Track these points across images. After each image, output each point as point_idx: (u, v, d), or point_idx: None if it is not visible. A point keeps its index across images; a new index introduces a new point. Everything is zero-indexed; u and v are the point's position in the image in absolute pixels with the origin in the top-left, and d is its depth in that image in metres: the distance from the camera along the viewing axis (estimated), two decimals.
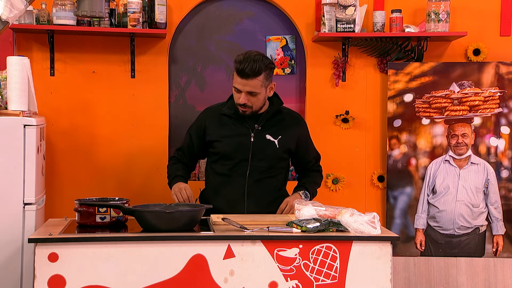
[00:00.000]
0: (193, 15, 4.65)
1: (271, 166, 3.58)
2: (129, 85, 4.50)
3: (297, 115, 3.79)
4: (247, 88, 3.43)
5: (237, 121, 3.57)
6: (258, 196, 3.55)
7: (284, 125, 3.61)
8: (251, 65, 3.37)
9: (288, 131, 3.61)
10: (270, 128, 3.58)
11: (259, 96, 3.47)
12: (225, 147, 3.57)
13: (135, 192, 4.46)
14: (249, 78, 3.40)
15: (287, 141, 3.59)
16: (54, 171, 4.42)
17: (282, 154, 3.60)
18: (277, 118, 3.62)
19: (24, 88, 3.69)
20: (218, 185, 3.62)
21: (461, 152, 4.51)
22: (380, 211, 4.59)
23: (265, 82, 3.46)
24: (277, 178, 3.62)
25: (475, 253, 4.50)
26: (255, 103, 3.49)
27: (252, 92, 3.44)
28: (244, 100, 3.45)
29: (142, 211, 2.96)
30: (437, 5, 4.36)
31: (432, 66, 4.50)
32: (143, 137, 4.52)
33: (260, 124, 3.56)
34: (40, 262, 2.78)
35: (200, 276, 2.85)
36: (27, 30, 4.27)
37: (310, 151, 3.75)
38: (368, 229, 2.92)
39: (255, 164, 3.54)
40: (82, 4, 3.24)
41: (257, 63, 3.38)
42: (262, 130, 3.57)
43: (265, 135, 3.56)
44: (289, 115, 3.69)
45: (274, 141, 3.57)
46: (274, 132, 3.58)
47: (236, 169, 3.56)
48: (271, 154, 3.56)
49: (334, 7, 4.38)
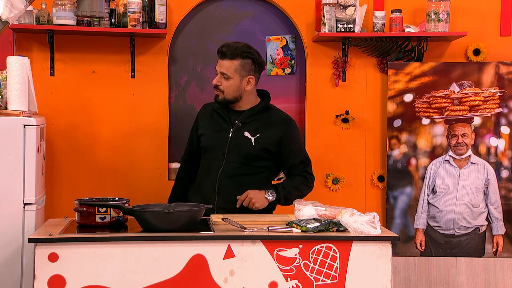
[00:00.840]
0: (193, 15, 4.65)
1: (246, 163, 3.55)
2: (129, 85, 4.50)
3: (285, 116, 3.69)
4: (220, 69, 3.53)
5: (222, 117, 3.62)
6: (229, 192, 3.52)
7: (266, 124, 3.58)
8: (229, 46, 3.50)
9: (269, 131, 3.56)
10: (251, 125, 3.57)
11: (231, 82, 3.51)
12: (206, 141, 3.64)
13: (135, 192, 4.46)
14: (224, 59, 3.51)
15: (265, 141, 3.54)
16: (54, 171, 4.42)
17: (259, 153, 3.54)
18: (262, 116, 3.60)
19: (24, 88, 3.69)
20: (199, 179, 3.68)
21: (461, 152, 4.51)
22: (380, 211, 4.59)
23: (240, 70, 3.51)
24: (255, 177, 3.56)
25: (475, 253, 4.50)
26: (226, 89, 3.53)
27: (224, 73, 3.50)
28: (216, 81, 3.54)
29: (142, 211, 2.97)
30: (437, 5, 4.36)
31: (432, 66, 4.50)
32: (143, 137, 4.52)
33: (241, 120, 3.57)
34: (40, 262, 2.78)
35: (200, 276, 2.85)
36: (27, 30, 4.27)
37: (296, 155, 3.61)
38: (368, 229, 2.92)
39: (230, 159, 3.53)
40: (82, 4, 3.24)
41: (236, 48, 3.50)
42: (242, 126, 3.56)
43: (244, 132, 3.56)
44: (276, 115, 3.65)
45: (251, 138, 3.54)
46: (253, 129, 3.56)
47: (213, 164, 3.59)
48: (245, 151, 3.53)
49: (334, 7, 4.38)
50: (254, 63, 3.54)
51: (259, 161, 3.57)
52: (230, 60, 3.50)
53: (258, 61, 3.56)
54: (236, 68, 3.50)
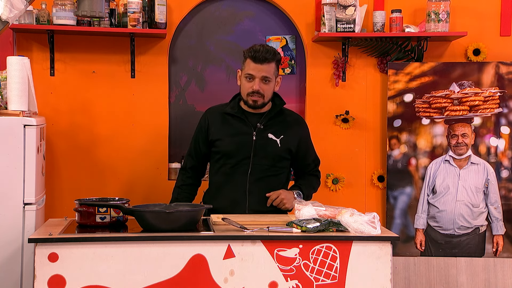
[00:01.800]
0: (193, 15, 4.65)
1: (273, 165, 3.59)
2: (129, 85, 4.50)
3: (299, 116, 3.82)
4: (262, 73, 3.50)
5: (240, 120, 3.61)
6: (260, 194, 3.55)
7: (286, 125, 3.64)
8: (267, 50, 3.50)
9: (290, 131, 3.63)
10: (272, 127, 3.60)
11: (271, 84, 3.54)
12: (227, 146, 3.59)
13: (135, 192, 4.46)
14: (264, 63, 3.49)
15: (288, 141, 3.61)
16: (54, 171, 4.42)
17: (284, 154, 3.61)
18: (280, 118, 3.65)
19: (24, 88, 3.69)
20: (220, 184, 3.62)
21: (461, 152, 4.51)
22: (380, 211, 4.59)
23: (276, 72, 3.56)
24: (278, 178, 3.62)
25: (475, 253, 4.50)
26: (266, 92, 3.53)
27: (266, 77, 3.50)
28: (258, 87, 3.50)
29: (142, 211, 2.97)
30: (437, 5, 4.36)
31: (432, 66, 4.50)
32: (143, 137, 4.52)
33: (262, 123, 3.59)
34: (40, 262, 2.78)
35: (200, 276, 2.85)
36: (27, 30, 4.27)
37: (310, 154, 3.76)
38: (368, 229, 2.92)
39: (257, 162, 3.56)
40: (82, 4, 3.24)
41: (271, 50, 3.53)
42: (264, 129, 3.59)
43: (267, 134, 3.58)
44: (291, 116, 3.74)
45: (276, 140, 3.58)
46: (276, 131, 3.60)
47: (238, 168, 3.57)
48: (273, 153, 3.58)
49: (334, 7, 4.38)
50: (279, 63, 3.63)
51: (282, 161, 3.62)
52: (269, 64, 3.50)
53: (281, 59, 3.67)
54: (275, 70, 3.55)
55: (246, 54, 3.54)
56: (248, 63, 3.52)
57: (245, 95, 3.55)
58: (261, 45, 3.53)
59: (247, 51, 3.54)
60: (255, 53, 3.48)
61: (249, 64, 3.51)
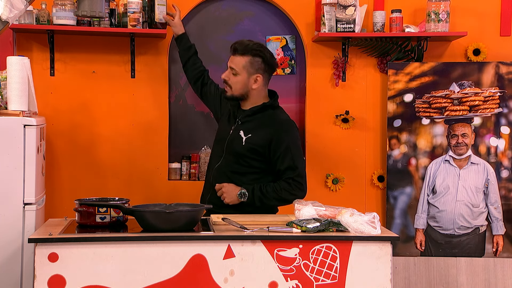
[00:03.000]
0: (193, 15, 4.65)
1: (237, 162, 3.56)
2: (129, 85, 4.50)
3: (284, 119, 3.64)
4: (231, 64, 3.59)
5: (232, 115, 3.70)
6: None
7: (261, 124, 3.58)
8: (242, 43, 3.57)
9: (261, 132, 3.55)
10: (247, 125, 3.60)
11: (239, 78, 3.55)
12: (217, 131, 3.81)
13: (135, 192, 4.46)
14: (235, 54, 3.57)
15: (254, 141, 3.54)
16: (54, 171, 4.42)
17: (247, 153, 3.54)
18: (260, 117, 3.60)
19: (24, 88, 3.69)
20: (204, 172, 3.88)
21: (461, 152, 4.51)
22: (380, 211, 4.59)
23: (249, 68, 3.55)
24: (245, 176, 3.55)
25: (475, 253, 4.50)
26: (234, 85, 3.57)
27: (233, 69, 3.55)
28: (224, 75, 3.59)
29: (142, 211, 2.97)
30: (437, 5, 4.36)
31: (432, 66, 4.50)
32: (143, 137, 4.52)
33: (240, 117, 3.62)
34: (40, 262, 2.78)
35: (200, 276, 2.85)
36: (27, 30, 4.27)
37: (284, 160, 3.49)
38: (368, 229, 2.92)
39: (226, 156, 3.59)
40: (82, 4, 3.24)
41: (248, 45, 3.56)
42: (241, 125, 3.60)
43: (240, 130, 3.58)
44: (274, 117, 3.61)
45: (243, 137, 3.56)
46: (248, 129, 3.58)
47: (212, 160, 3.72)
48: (235, 150, 3.57)
49: (334, 7, 4.38)
50: (264, 62, 3.57)
51: (247, 160, 3.56)
52: (240, 56, 3.55)
53: (269, 61, 3.59)
54: (245, 64, 3.54)
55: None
56: None
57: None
58: (248, 40, 3.64)
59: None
60: (233, 45, 3.61)
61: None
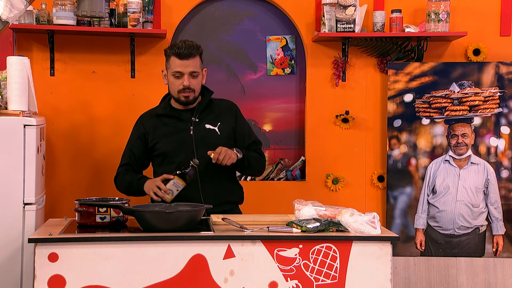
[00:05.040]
0: (193, 15, 4.65)
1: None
2: (129, 85, 4.50)
3: (229, 101, 3.75)
4: (190, 69, 3.48)
5: (174, 118, 3.57)
6: (212, 186, 3.50)
7: (219, 112, 3.61)
8: (189, 46, 3.47)
9: (225, 117, 3.61)
10: (207, 117, 3.58)
11: (199, 78, 3.53)
12: (167, 145, 3.54)
13: None
14: (190, 58, 3.47)
15: (227, 127, 3.58)
16: (54, 171, 4.42)
17: (226, 140, 3.55)
18: (211, 107, 3.62)
19: (24, 88, 3.69)
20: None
21: (461, 152, 4.51)
22: (380, 211, 4.59)
23: (201, 65, 3.55)
24: (227, 167, 3.48)
25: (475, 253, 4.50)
26: (196, 86, 3.52)
27: (194, 72, 3.48)
28: (188, 82, 3.48)
29: (142, 211, 2.97)
30: (437, 5, 4.36)
31: (432, 66, 4.50)
32: None
33: (197, 116, 3.56)
34: (40, 262, 2.78)
35: (200, 276, 2.85)
36: (27, 30, 4.27)
37: (249, 136, 3.66)
38: (368, 229, 2.92)
39: (201, 155, 3.45)
40: (82, 4, 3.24)
41: (193, 45, 3.49)
42: (200, 121, 3.56)
43: (204, 125, 3.56)
44: (222, 102, 3.70)
45: (215, 128, 3.56)
46: (212, 120, 3.57)
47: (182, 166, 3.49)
48: (213, 142, 3.50)
49: (334, 7, 4.38)
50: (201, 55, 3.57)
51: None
52: (194, 58, 3.49)
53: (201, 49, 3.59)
54: (200, 64, 3.54)
55: (169, 52, 3.50)
56: (173, 61, 3.48)
57: (176, 92, 3.52)
58: (181, 41, 3.50)
59: (169, 49, 3.50)
60: (178, 50, 3.45)
61: (174, 61, 3.48)
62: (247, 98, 4.69)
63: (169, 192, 3.33)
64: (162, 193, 3.33)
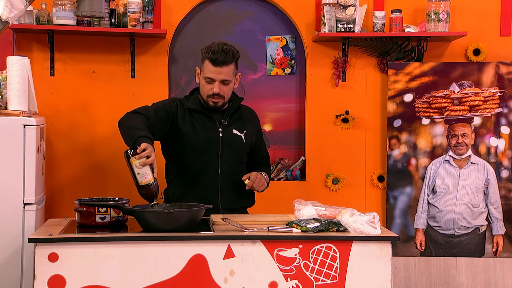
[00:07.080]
0: (193, 15, 4.65)
1: (240, 161, 3.57)
2: (129, 85, 4.50)
3: (253, 110, 3.76)
4: (221, 77, 3.41)
5: (204, 115, 3.53)
6: (231, 191, 3.51)
7: (245, 120, 3.63)
8: (225, 51, 3.38)
9: (250, 126, 3.63)
10: (235, 123, 3.58)
11: (230, 85, 3.48)
12: (196, 140, 3.48)
13: (135, 192, 4.44)
14: (223, 66, 3.39)
15: (250, 136, 3.61)
16: (54, 171, 4.42)
17: (247, 149, 3.60)
18: (238, 113, 3.62)
19: (24, 88, 3.69)
20: (188, 182, 3.51)
21: (461, 152, 4.51)
22: (380, 211, 4.59)
23: (235, 72, 3.49)
24: (242, 174, 3.51)
25: (475, 253, 4.50)
26: (226, 93, 3.47)
27: (225, 80, 3.42)
28: (218, 90, 3.42)
29: (142, 211, 2.97)
30: (437, 5, 4.36)
31: (432, 66, 4.50)
32: None
33: (226, 119, 3.55)
34: (40, 262, 2.78)
35: (200, 276, 2.85)
36: (27, 30, 4.27)
37: (263, 147, 3.77)
38: (368, 229, 2.92)
39: (226, 159, 3.50)
40: (82, 4, 3.24)
41: (230, 51, 3.41)
42: (229, 125, 3.55)
43: (232, 130, 3.55)
44: (247, 111, 3.71)
45: (241, 135, 3.56)
46: (239, 126, 3.57)
47: (207, 165, 3.48)
48: (239, 149, 3.54)
49: (334, 7, 4.38)
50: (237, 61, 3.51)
51: (245, 156, 3.62)
52: (228, 66, 3.41)
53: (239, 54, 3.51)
54: (234, 70, 3.47)
55: (204, 55, 3.41)
56: (207, 65, 3.40)
57: (205, 96, 3.47)
58: (219, 45, 3.39)
59: (205, 52, 3.41)
60: (214, 55, 3.36)
61: (208, 66, 3.40)
62: (247, 98, 4.66)
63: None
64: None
